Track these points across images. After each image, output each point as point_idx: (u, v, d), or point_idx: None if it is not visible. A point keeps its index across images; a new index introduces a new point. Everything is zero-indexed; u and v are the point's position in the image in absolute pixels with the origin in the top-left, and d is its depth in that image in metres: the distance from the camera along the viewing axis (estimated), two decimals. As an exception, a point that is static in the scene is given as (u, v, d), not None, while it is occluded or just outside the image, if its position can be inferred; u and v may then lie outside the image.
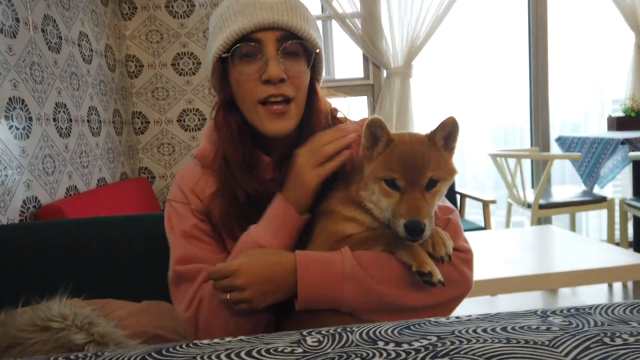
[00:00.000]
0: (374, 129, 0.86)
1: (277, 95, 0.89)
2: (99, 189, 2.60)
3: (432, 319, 0.51)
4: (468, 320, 0.49)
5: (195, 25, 3.31)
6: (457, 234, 0.92)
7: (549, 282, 2.00)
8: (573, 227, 3.48)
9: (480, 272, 1.95)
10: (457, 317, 0.51)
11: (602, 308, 0.51)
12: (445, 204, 0.97)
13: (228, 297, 0.83)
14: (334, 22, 3.48)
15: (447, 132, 0.86)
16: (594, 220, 4.49)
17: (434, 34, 3.47)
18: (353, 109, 1.08)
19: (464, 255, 0.90)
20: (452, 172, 0.86)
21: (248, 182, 0.92)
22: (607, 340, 0.43)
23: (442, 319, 0.50)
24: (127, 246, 1.48)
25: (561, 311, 0.51)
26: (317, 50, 0.94)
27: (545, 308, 0.52)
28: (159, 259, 1.37)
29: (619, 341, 0.42)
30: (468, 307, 2.40)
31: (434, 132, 0.86)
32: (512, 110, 4.44)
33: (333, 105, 1.05)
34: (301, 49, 0.92)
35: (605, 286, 2.98)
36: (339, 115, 1.05)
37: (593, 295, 2.92)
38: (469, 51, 4.15)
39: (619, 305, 0.52)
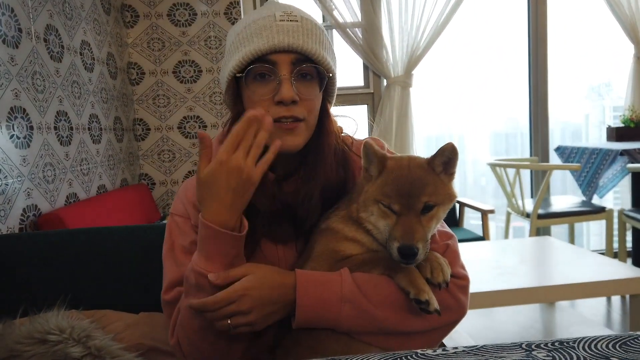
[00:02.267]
0: (366, 151, 0.88)
1: (289, 117, 0.89)
2: (99, 196, 2.61)
3: (419, 351, 0.52)
4: (454, 353, 0.50)
5: (196, 33, 3.33)
6: (455, 260, 0.92)
7: (547, 296, 2.01)
8: (572, 236, 3.49)
9: (478, 284, 1.96)
10: (444, 349, 0.52)
11: (585, 342, 0.52)
12: (444, 229, 0.97)
13: (229, 322, 0.81)
14: (334, 31, 3.50)
15: (446, 157, 0.87)
16: (595, 227, 4.48)
17: (434, 44, 3.49)
18: (360, 129, 1.09)
19: (461, 282, 0.90)
20: (450, 197, 0.87)
21: (258, 198, 0.92)
22: (588, 377, 0.43)
23: (429, 352, 0.51)
24: (125, 257, 1.49)
25: (546, 344, 0.52)
26: (330, 75, 0.95)
27: (530, 341, 0.53)
28: (157, 269, 1.38)
29: (599, 379, 0.43)
30: (465, 318, 2.40)
31: (433, 157, 0.87)
32: (513, 118, 4.45)
33: (339, 124, 1.06)
34: (315, 72, 0.93)
35: (603, 298, 2.98)
36: (343, 134, 1.06)
37: (591, 306, 2.92)
38: (469, 61, 4.16)
39: (602, 339, 0.53)
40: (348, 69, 3.64)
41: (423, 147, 3.95)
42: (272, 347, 0.96)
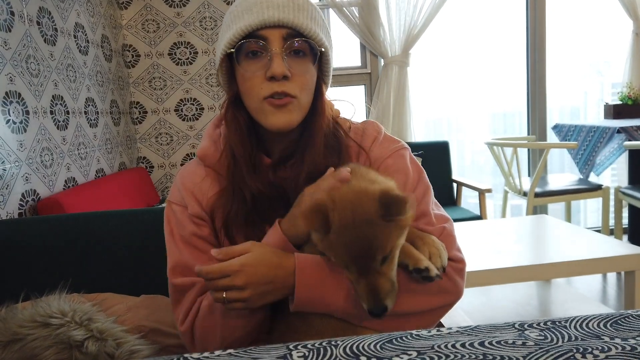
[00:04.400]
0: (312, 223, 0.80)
1: (281, 93, 0.89)
2: (98, 180, 2.62)
3: (414, 332, 0.53)
4: (448, 334, 0.51)
5: (191, 14, 3.29)
6: (451, 244, 0.93)
7: (543, 273, 2.03)
8: (569, 214, 3.51)
9: (475, 263, 1.98)
10: (439, 330, 0.53)
11: (577, 321, 0.53)
12: (440, 212, 0.97)
13: (224, 295, 0.82)
14: (330, 10, 3.46)
15: (388, 208, 0.78)
16: (592, 204, 4.50)
17: (431, 23, 3.46)
18: (357, 111, 1.09)
19: (457, 265, 0.91)
20: (402, 229, 0.81)
21: (253, 182, 0.93)
22: (578, 356, 0.45)
23: (424, 332, 0.52)
24: (126, 240, 1.50)
25: (538, 324, 0.53)
26: (322, 49, 0.94)
27: (523, 320, 0.54)
28: (157, 252, 1.40)
29: (590, 357, 0.44)
30: (464, 295, 2.43)
31: (379, 209, 0.78)
32: (511, 97, 4.43)
33: (336, 107, 1.04)
34: (307, 47, 0.92)
35: (599, 274, 3.01)
36: (341, 117, 1.05)
37: (587, 283, 2.95)
38: (467, 39, 4.13)
39: (594, 318, 0.54)
40: (345, 49, 3.61)
41: (421, 128, 3.95)
42: (269, 330, 0.97)
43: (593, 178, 3.38)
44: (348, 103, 1.07)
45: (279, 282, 0.84)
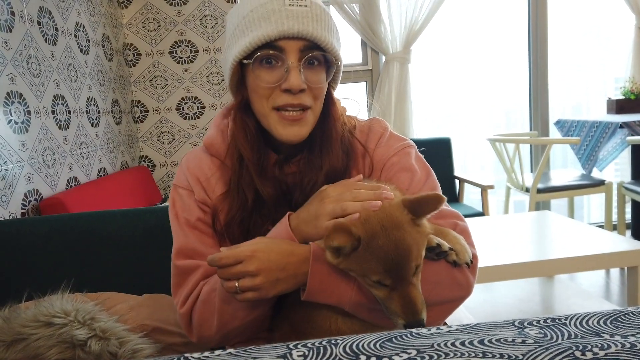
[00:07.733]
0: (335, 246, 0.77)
1: (296, 105, 0.89)
2: (100, 179, 2.62)
3: (413, 330, 0.53)
4: (448, 332, 0.52)
5: (192, 12, 3.29)
6: (467, 240, 0.92)
7: (546, 269, 2.03)
8: (572, 209, 3.50)
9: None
10: (439, 328, 0.54)
11: (577, 319, 0.53)
12: (448, 208, 0.96)
13: (237, 284, 0.79)
14: (332, 7, 3.46)
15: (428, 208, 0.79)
16: (595, 199, 4.50)
17: (432, 19, 3.45)
18: (362, 111, 1.08)
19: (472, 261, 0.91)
20: (426, 237, 0.80)
21: (264, 185, 0.92)
22: (578, 354, 0.45)
23: (424, 331, 0.53)
24: (128, 240, 1.51)
25: (538, 321, 0.53)
26: (339, 63, 0.94)
27: (522, 318, 0.54)
28: (158, 252, 1.41)
29: (589, 355, 0.44)
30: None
31: (412, 207, 0.78)
32: (513, 92, 4.42)
33: (342, 105, 1.05)
34: (322, 58, 0.92)
35: (602, 270, 3.01)
36: (347, 114, 1.05)
37: (590, 278, 2.95)
38: (468, 35, 4.12)
39: (594, 315, 0.54)
40: (346, 46, 3.61)
41: (423, 124, 3.95)
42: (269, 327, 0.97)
43: (596, 173, 3.37)
44: (353, 101, 1.07)
45: (291, 269, 0.81)
